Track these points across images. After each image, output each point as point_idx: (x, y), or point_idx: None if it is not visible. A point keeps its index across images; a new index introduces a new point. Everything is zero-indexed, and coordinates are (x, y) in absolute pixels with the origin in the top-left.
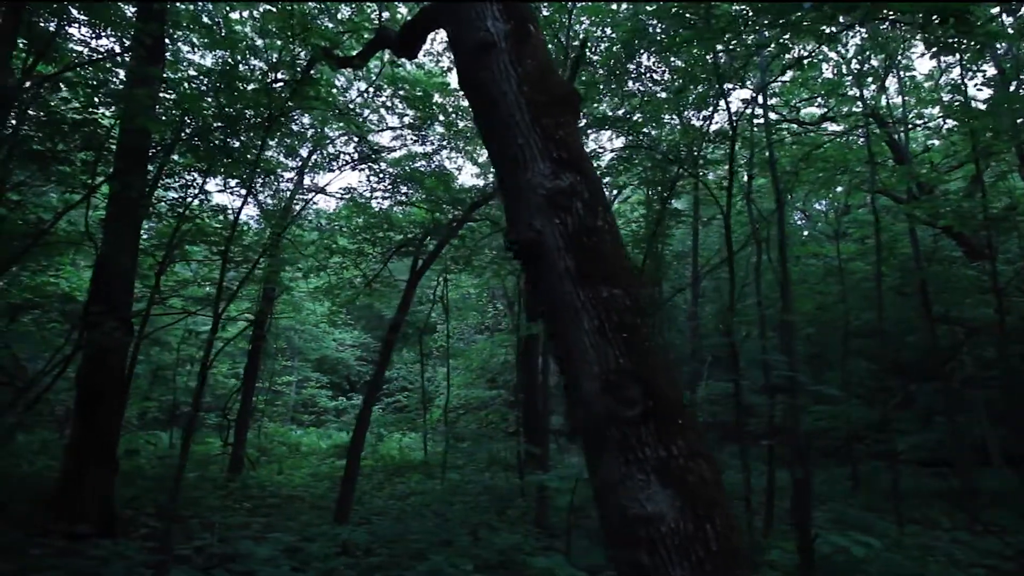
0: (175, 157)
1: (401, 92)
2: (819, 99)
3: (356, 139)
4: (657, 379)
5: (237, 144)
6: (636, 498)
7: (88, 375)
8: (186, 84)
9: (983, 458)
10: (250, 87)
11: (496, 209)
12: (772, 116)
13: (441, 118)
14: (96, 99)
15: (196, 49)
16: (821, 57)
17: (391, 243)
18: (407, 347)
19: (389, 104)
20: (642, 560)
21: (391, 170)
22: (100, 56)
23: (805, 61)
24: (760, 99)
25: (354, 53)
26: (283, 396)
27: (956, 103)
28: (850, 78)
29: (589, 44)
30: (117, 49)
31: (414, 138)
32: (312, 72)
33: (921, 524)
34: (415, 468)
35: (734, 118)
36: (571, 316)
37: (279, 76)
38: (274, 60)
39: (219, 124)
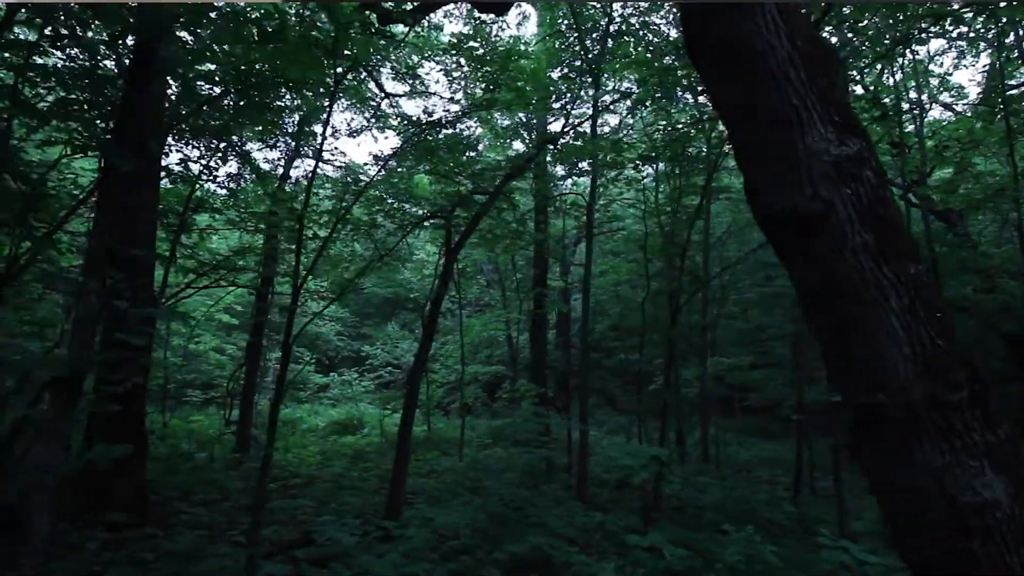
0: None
1: (475, 52)
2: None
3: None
4: (976, 361)
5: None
6: (970, 486)
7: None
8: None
9: None
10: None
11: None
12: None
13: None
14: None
15: None
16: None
17: (408, 216)
18: (396, 322)
19: (464, 64)
20: (974, 549)
21: (427, 138)
22: None
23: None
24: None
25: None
26: (272, 373)
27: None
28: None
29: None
30: None
31: (466, 105)
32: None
33: None
34: (422, 444)
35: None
36: (873, 295)
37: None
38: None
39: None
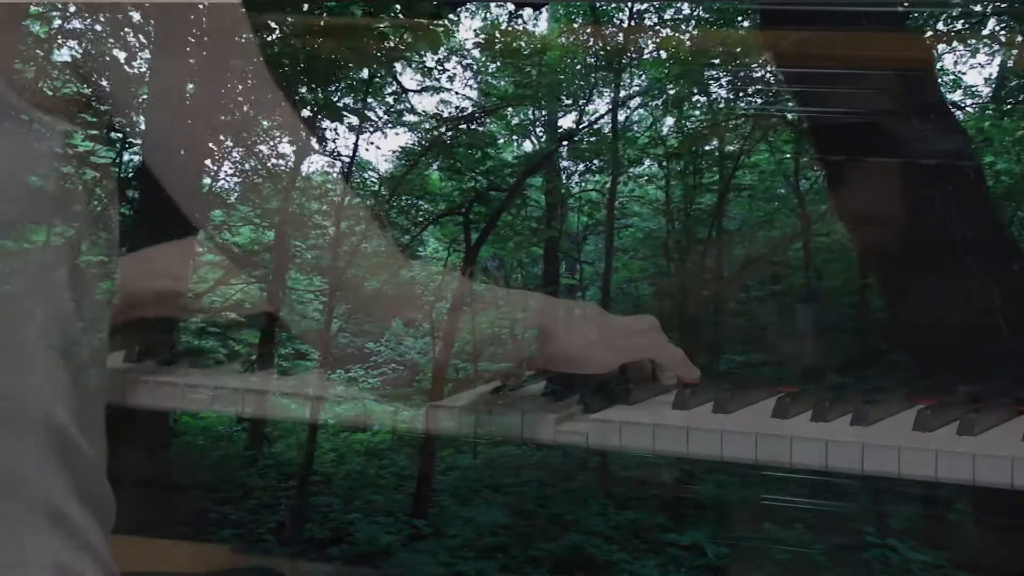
0: None
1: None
2: None
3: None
4: None
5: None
6: None
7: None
8: None
9: None
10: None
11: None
12: None
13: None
14: None
15: None
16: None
17: (421, 212)
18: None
19: (496, 60)
20: None
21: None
22: None
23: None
24: None
25: None
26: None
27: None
28: None
29: None
30: None
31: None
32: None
33: None
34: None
35: None
36: (973, 292)
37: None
38: None
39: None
